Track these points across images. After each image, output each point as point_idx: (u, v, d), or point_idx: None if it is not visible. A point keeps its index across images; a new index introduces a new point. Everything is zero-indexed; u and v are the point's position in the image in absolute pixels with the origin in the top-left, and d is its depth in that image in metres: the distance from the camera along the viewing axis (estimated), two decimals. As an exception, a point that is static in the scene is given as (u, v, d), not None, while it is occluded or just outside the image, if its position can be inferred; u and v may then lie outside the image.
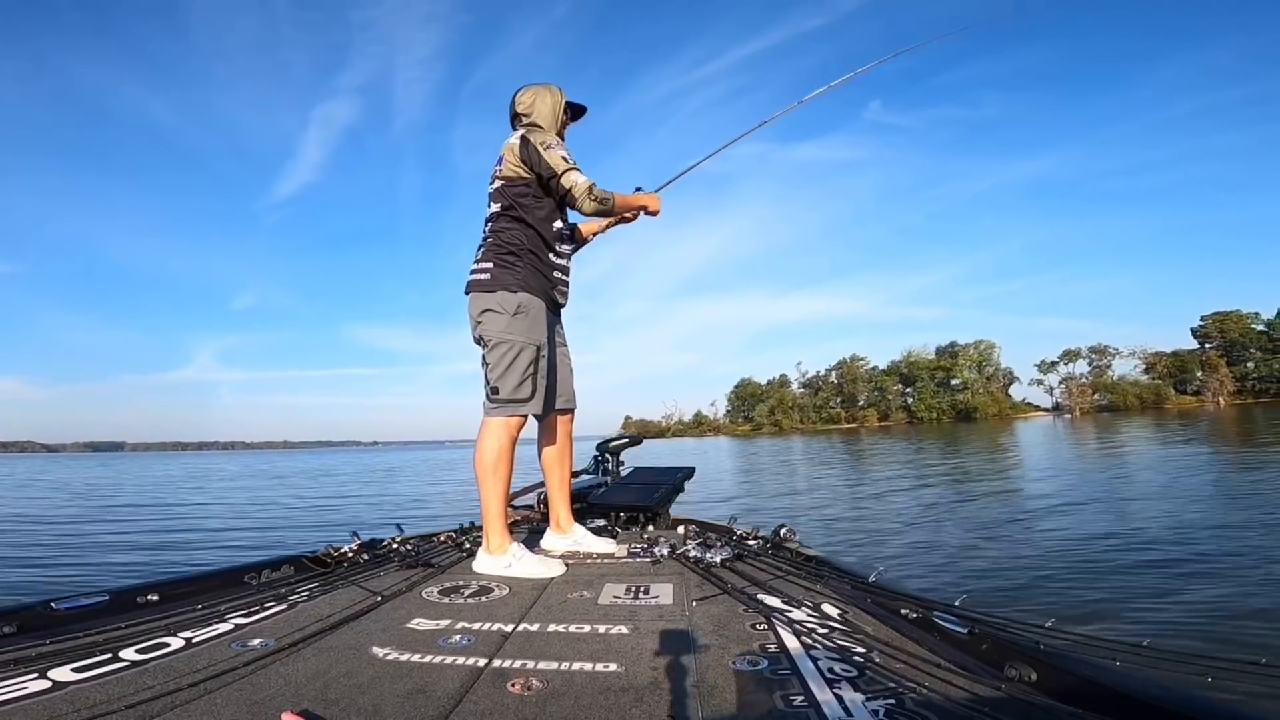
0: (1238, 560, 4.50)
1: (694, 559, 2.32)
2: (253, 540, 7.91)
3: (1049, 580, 4.38)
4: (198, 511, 11.74)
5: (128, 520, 10.56)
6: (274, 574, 2.21)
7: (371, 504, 12.36)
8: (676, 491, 3.57)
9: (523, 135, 2.44)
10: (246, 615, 1.72)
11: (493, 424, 2.37)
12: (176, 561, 6.49)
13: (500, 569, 2.24)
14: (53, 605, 1.67)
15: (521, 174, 2.42)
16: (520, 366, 2.37)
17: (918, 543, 6.01)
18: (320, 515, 10.53)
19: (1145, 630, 3.24)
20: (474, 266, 2.44)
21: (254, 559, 2.34)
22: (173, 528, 9.40)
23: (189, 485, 20.10)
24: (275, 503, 13.43)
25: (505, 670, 1.34)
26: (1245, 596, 3.73)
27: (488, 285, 2.39)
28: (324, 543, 2.53)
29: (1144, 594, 3.92)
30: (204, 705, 1.16)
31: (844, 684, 1.23)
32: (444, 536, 2.92)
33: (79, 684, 1.23)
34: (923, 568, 4.99)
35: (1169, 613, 3.57)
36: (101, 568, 6.19)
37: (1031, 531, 6.23)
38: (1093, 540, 5.50)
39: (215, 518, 10.72)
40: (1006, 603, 3.74)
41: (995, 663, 1.29)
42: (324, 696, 1.21)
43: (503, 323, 2.37)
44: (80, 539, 8.28)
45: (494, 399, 2.37)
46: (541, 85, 2.58)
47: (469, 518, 3.16)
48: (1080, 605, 3.75)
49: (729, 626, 1.62)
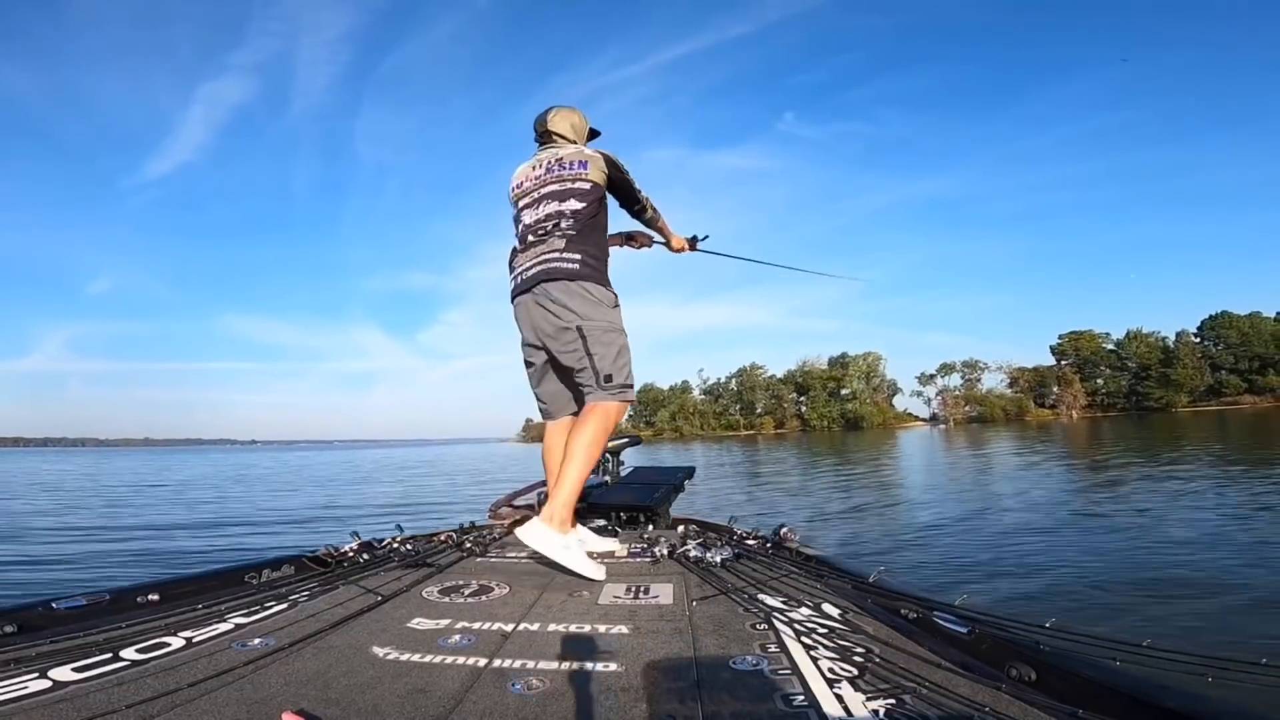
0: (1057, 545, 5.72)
1: (694, 559, 2.32)
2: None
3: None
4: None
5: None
6: (274, 574, 2.21)
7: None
8: (676, 491, 3.57)
9: (602, 152, 2.57)
10: (247, 615, 1.72)
11: (610, 408, 2.40)
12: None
13: (556, 547, 2.21)
14: (53, 605, 1.67)
15: (603, 183, 2.54)
16: (628, 353, 2.45)
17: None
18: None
19: (1144, 629, 3.32)
20: (553, 255, 2.44)
21: (252, 560, 2.34)
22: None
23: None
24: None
25: (505, 670, 1.35)
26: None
27: (581, 274, 2.41)
28: (322, 543, 2.53)
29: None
30: (204, 705, 1.16)
31: (844, 684, 1.24)
32: (444, 536, 2.90)
33: (79, 684, 1.23)
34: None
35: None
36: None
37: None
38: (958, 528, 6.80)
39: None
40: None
41: (995, 663, 1.29)
42: (324, 696, 1.21)
43: (606, 312, 2.43)
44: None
45: (609, 385, 2.39)
46: (570, 108, 2.72)
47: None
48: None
49: (729, 626, 1.62)
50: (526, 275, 2.49)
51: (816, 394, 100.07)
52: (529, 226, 2.55)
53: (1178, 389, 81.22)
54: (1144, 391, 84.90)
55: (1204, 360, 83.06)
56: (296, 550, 2.46)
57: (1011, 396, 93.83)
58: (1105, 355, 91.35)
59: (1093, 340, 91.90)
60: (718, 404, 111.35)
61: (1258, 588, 4.02)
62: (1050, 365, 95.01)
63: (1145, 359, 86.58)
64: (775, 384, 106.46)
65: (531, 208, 2.56)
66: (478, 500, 11.58)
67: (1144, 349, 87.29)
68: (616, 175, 2.57)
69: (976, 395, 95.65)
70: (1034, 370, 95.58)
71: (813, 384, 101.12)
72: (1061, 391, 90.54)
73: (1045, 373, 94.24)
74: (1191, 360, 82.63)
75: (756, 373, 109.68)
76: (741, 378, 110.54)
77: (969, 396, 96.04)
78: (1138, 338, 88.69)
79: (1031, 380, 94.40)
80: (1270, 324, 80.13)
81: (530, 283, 2.46)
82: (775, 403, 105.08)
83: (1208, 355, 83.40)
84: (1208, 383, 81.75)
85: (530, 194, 2.57)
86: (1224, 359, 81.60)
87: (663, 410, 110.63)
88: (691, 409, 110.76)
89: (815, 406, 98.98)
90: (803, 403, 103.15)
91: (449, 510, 9.11)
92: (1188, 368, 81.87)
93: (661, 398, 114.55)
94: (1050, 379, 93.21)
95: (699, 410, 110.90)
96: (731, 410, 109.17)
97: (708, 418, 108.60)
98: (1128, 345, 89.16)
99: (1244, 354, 79.75)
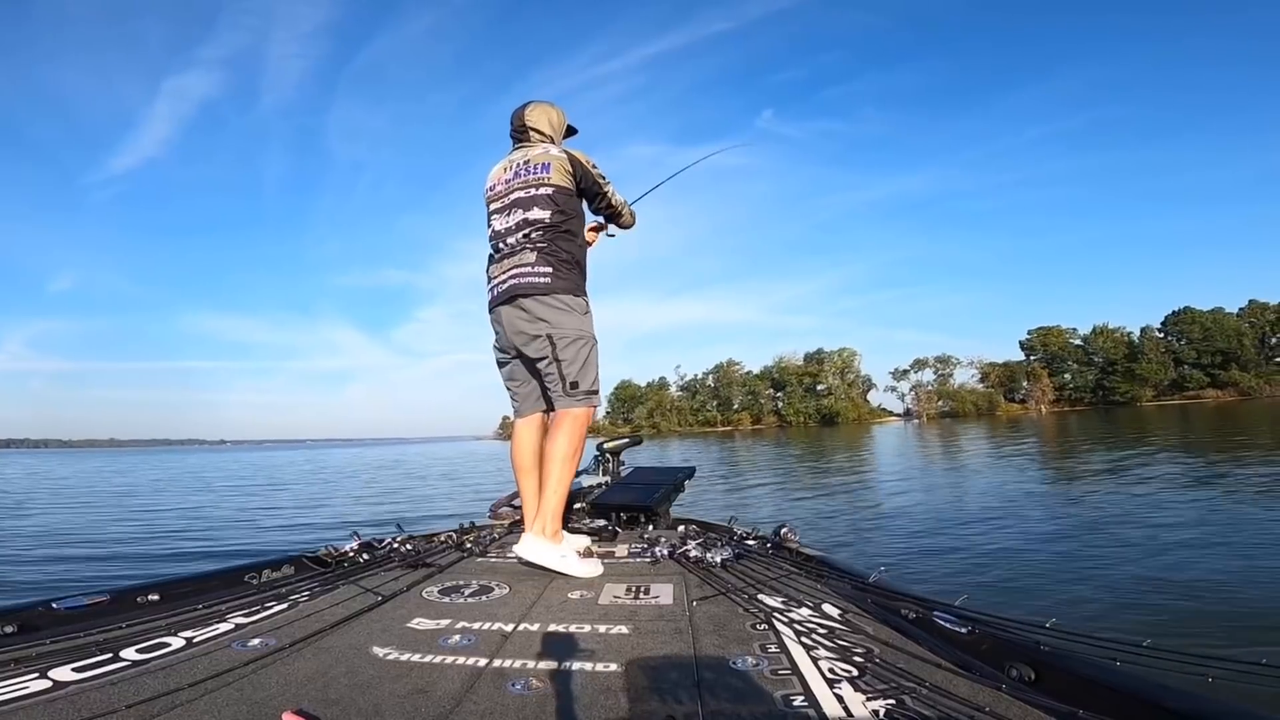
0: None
1: (694, 559, 2.31)
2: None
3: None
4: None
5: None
6: (274, 574, 2.20)
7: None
8: (676, 491, 3.57)
9: (568, 152, 2.56)
10: (247, 615, 1.71)
11: (578, 414, 2.43)
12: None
13: (554, 558, 2.24)
14: (53, 605, 1.67)
15: (568, 185, 2.52)
16: (595, 361, 2.49)
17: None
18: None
19: (1144, 627, 3.37)
20: (524, 270, 2.46)
21: (253, 560, 2.33)
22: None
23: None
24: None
25: (506, 670, 1.34)
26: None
27: (553, 287, 2.43)
28: (322, 544, 2.53)
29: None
30: (204, 705, 1.16)
31: (844, 684, 1.24)
32: (444, 536, 2.90)
33: (79, 684, 1.23)
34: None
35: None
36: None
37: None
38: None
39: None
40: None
41: (995, 663, 1.29)
42: (324, 696, 1.21)
43: (576, 320, 2.46)
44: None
45: (574, 393, 2.43)
46: (548, 103, 2.71)
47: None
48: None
49: (729, 626, 1.62)
50: (501, 289, 2.52)
51: (793, 390, 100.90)
52: (499, 234, 2.57)
53: (1143, 383, 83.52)
54: (1110, 386, 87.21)
55: (1168, 355, 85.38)
56: (296, 551, 2.46)
57: (983, 391, 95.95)
58: (1073, 350, 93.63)
59: (1060, 335, 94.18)
60: (695, 400, 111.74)
61: (1258, 587, 4.04)
62: (1020, 360, 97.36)
63: (1111, 354, 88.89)
64: (752, 380, 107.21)
65: (501, 214, 2.57)
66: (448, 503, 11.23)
67: (1110, 344, 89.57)
68: (582, 175, 2.57)
69: (949, 390, 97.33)
70: (1004, 365, 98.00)
71: (789, 380, 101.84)
72: (1031, 386, 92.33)
73: (1015, 368, 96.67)
74: (1156, 355, 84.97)
75: (733, 369, 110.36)
76: (719, 374, 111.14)
77: (941, 392, 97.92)
78: (1104, 333, 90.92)
79: (1002, 375, 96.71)
80: (1232, 319, 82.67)
81: (503, 297, 2.50)
82: (752, 399, 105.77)
83: (1171, 350, 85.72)
84: (1171, 377, 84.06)
85: (501, 198, 2.58)
86: (1187, 354, 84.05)
87: (640, 407, 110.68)
88: (669, 406, 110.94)
89: (791, 402, 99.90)
90: (779, 399, 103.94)
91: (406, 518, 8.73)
92: (1152, 362, 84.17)
93: (639, 394, 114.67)
94: (1020, 374, 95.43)
95: (676, 407, 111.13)
96: (709, 406, 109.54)
97: (685, 414, 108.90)
98: (1094, 340, 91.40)
99: (1206, 349, 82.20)
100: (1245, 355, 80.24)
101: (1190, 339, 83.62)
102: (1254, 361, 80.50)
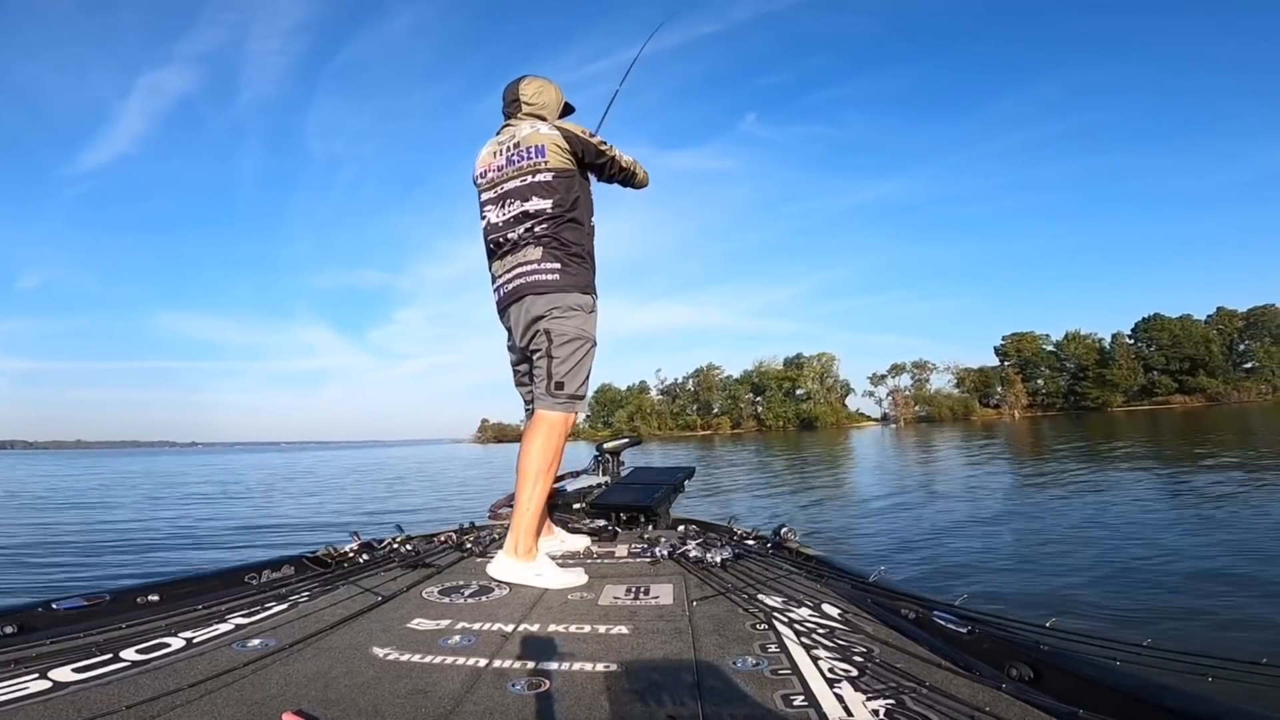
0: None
1: (694, 559, 2.30)
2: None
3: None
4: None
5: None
6: (274, 574, 2.19)
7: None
8: (676, 491, 3.56)
9: (560, 127, 2.43)
10: (247, 615, 1.71)
11: (555, 420, 2.32)
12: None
13: (529, 576, 2.13)
14: (53, 605, 1.66)
15: (568, 165, 2.39)
16: (587, 365, 2.39)
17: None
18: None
19: (1143, 628, 3.36)
20: (530, 267, 2.36)
21: (254, 559, 2.32)
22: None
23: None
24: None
25: (506, 670, 1.34)
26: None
27: (559, 285, 2.34)
28: (322, 544, 2.50)
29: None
30: (204, 705, 1.16)
31: (844, 684, 1.24)
32: (444, 536, 2.89)
33: (79, 684, 1.23)
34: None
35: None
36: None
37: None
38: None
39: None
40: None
41: (995, 662, 1.30)
42: (324, 696, 1.21)
43: (579, 320, 2.37)
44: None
45: (557, 394, 2.32)
46: (544, 79, 2.59)
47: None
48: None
49: (729, 626, 1.62)
50: (507, 289, 2.43)
51: (772, 394, 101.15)
52: (497, 227, 2.45)
53: (1113, 389, 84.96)
54: (1081, 391, 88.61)
55: (1138, 361, 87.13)
56: (296, 551, 2.44)
57: (958, 396, 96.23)
58: (1045, 356, 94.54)
59: (1033, 341, 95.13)
60: (675, 404, 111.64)
61: (1256, 585, 4.06)
62: (994, 366, 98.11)
63: (1083, 360, 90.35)
64: (732, 384, 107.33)
65: (496, 205, 2.45)
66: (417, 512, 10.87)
67: (1081, 350, 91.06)
68: (581, 148, 2.43)
69: (925, 395, 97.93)
70: (979, 371, 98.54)
71: (768, 384, 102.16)
72: (1005, 391, 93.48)
73: (990, 373, 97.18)
74: (1126, 361, 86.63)
75: (713, 373, 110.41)
76: (699, 378, 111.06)
77: (918, 397, 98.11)
78: (1076, 339, 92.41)
79: (977, 381, 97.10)
80: (1200, 326, 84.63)
81: (511, 297, 2.42)
82: (732, 403, 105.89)
83: (1141, 356, 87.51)
84: (1141, 383, 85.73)
85: (495, 186, 2.46)
86: (1156, 360, 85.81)
87: (620, 410, 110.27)
88: (649, 409, 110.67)
89: (771, 407, 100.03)
90: (759, 403, 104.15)
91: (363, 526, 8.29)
92: (1123, 368, 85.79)
93: (619, 398, 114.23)
94: (994, 379, 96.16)
95: (656, 410, 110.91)
96: (689, 410, 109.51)
97: (665, 418, 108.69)
98: (1066, 346, 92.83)
99: (1175, 355, 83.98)
100: (1213, 362, 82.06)
101: (1159, 345, 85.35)
102: (1221, 368, 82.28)
